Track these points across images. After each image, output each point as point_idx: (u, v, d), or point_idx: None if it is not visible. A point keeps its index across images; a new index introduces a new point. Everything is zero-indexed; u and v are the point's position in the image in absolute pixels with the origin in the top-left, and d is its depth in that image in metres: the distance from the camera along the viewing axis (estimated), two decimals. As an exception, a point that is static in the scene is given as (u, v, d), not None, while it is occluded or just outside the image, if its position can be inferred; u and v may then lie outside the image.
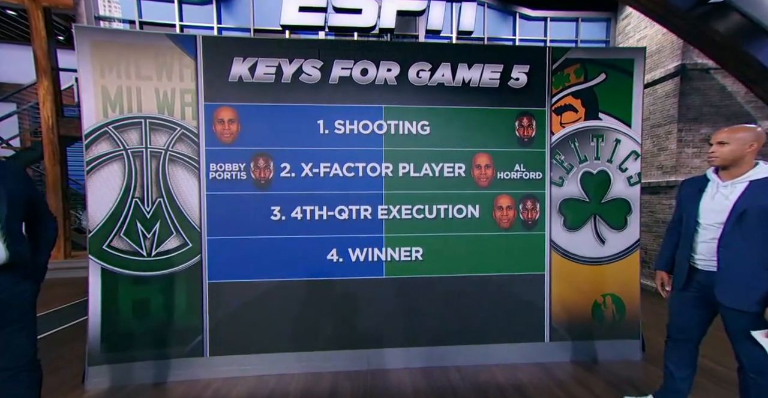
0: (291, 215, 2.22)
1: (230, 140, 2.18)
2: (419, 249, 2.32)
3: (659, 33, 3.99)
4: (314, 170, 2.23)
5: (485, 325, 2.38)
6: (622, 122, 2.37)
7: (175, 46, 2.08)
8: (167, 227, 2.14)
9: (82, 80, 1.97)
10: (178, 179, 2.15)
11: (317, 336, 2.28)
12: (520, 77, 2.34)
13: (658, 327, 2.76)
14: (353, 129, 2.25)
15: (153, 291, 2.13)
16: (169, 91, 2.10)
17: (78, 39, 1.95)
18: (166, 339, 2.14)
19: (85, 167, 2.02)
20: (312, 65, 2.20)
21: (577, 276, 2.41)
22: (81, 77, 1.97)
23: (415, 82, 2.28)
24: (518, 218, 2.39)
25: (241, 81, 2.16)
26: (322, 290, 2.27)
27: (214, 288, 2.19)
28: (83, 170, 2.04)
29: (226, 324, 2.20)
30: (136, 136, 2.08)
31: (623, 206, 2.41)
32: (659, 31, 3.99)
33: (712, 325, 1.58)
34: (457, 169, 2.33)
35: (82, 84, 1.97)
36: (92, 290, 2.04)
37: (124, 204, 2.08)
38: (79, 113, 2.00)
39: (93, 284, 2.05)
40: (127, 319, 2.10)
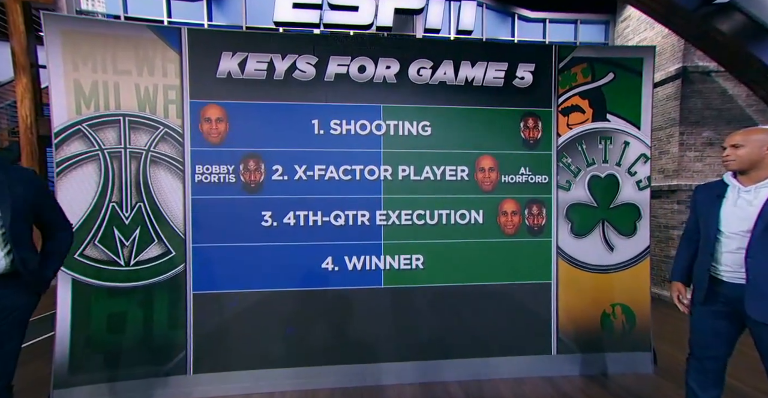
0: (283, 221, 2.07)
1: (218, 140, 2.03)
2: (420, 257, 2.19)
3: (659, 35, 3.96)
4: (308, 172, 2.08)
5: (489, 337, 2.26)
6: (630, 123, 2.28)
7: (158, 39, 1.93)
8: (148, 233, 1.98)
9: (52, 74, 1.80)
10: (160, 182, 1.99)
11: (311, 351, 2.12)
12: (525, 76, 2.23)
13: (669, 339, 2.68)
14: (350, 129, 2.12)
15: (131, 304, 1.96)
16: (150, 87, 1.94)
17: (47, 28, 1.79)
18: (146, 357, 1.97)
19: (55, 169, 1.85)
20: (306, 61, 2.06)
21: (584, 285, 2.30)
22: (51, 70, 1.80)
23: (415, 81, 2.16)
24: (524, 223, 2.27)
25: (230, 77, 2.02)
26: (317, 301, 2.13)
27: (199, 300, 2.03)
28: None
29: (212, 339, 2.04)
30: (113, 135, 1.92)
31: (632, 211, 2.31)
32: (659, 34, 3.95)
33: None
34: (460, 172, 2.21)
35: (52, 78, 1.80)
36: (61, 304, 1.86)
37: (100, 209, 1.91)
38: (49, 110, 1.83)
39: (62, 297, 1.86)
40: (100, 335, 1.92)
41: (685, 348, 1.53)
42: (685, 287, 1.56)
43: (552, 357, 2.28)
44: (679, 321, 2.97)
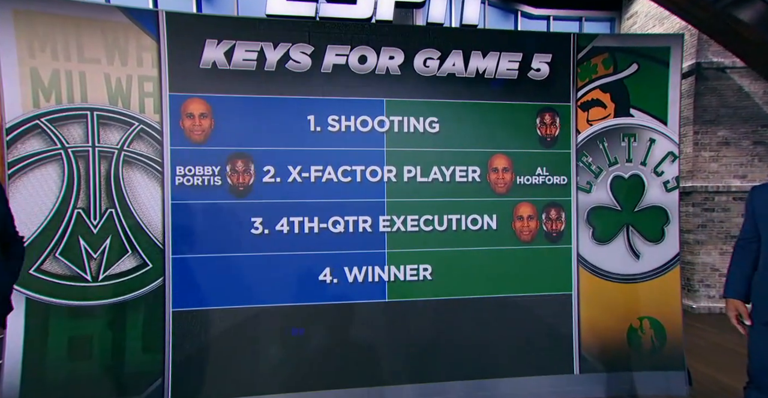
0: (275, 228, 1.85)
1: (201, 138, 1.81)
2: (427, 267, 1.97)
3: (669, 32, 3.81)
4: (303, 174, 1.87)
5: (504, 355, 2.04)
6: (656, 119, 2.10)
7: (131, 23, 1.71)
8: (120, 244, 1.75)
9: (3, 60, 1.56)
10: (135, 186, 1.76)
11: (308, 373, 1.90)
12: (541, 68, 2.04)
13: (703, 356, 2.47)
14: (350, 126, 1.91)
15: (98, 325, 1.72)
16: (123, 78, 1.72)
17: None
18: (114, 386, 1.72)
19: (5, 170, 1.60)
20: (301, 50, 1.85)
21: (608, 296, 2.10)
22: (1, 57, 1.56)
23: (421, 72, 1.96)
24: (541, 229, 2.07)
25: (216, 68, 1.80)
26: (314, 318, 1.91)
27: (180, 318, 1.79)
28: None
29: (194, 363, 1.80)
30: (79, 132, 1.69)
31: (660, 215, 2.11)
32: (669, 30, 3.80)
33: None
34: (471, 173, 2.01)
35: (3, 65, 1.56)
36: (11, 328, 1.58)
37: (63, 216, 1.67)
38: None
39: (13, 320, 1.58)
40: (59, 363, 1.66)
41: (722, 368, 1.32)
42: (744, 305, 1.35)
43: (574, 376, 2.06)
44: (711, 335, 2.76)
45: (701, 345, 2.69)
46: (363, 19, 3.20)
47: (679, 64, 2.11)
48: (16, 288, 1.58)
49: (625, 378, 2.08)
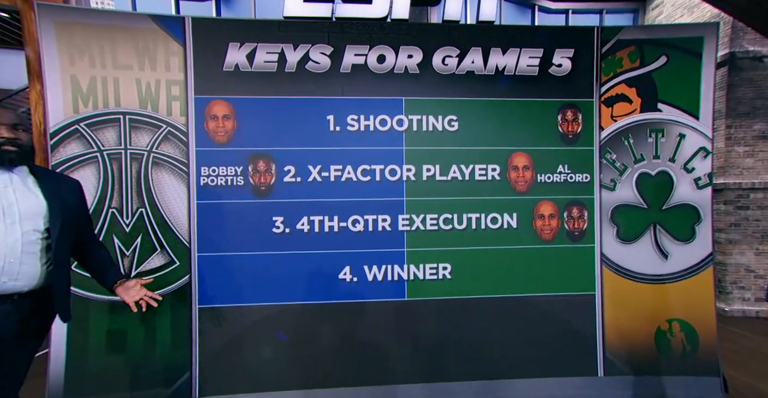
0: (296, 227, 1.88)
1: (225, 139, 1.86)
2: (447, 266, 1.96)
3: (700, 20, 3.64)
4: (323, 173, 1.89)
5: (525, 356, 2.00)
6: (687, 113, 2.00)
7: (160, 29, 1.77)
8: (150, 242, 1.82)
9: (47, 69, 1.66)
10: (163, 186, 1.83)
11: (328, 370, 1.92)
12: (563, 63, 1.99)
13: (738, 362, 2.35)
14: (369, 125, 1.92)
15: (131, 320, 1.79)
16: (152, 83, 1.79)
17: (40, 19, 1.65)
18: (147, 378, 1.79)
19: (50, 172, 1.70)
20: (320, 51, 1.88)
21: (634, 297, 2.03)
22: (45, 65, 1.66)
23: (440, 71, 1.95)
24: (563, 228, 2.02)
25: (238, 70, 1.85)
26: (334, 316, 1.92)
27: (206, 314, 1.85)
28: None
29: (220, 358, 1.85)
30: (113, 135, 1.77)
31: (690, 213, 2.03)
32: (699, 19, 3.63)
33: None
34: (491, 171, 1.98)
35: (47, 73, 1.66)
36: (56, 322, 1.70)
37: (99, 216, 1.76)
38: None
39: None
40: (98, 354, 1.76)
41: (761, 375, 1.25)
42: None
43: (598, 379, 2.00)
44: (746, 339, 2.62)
45: (736, 350, 2.56)
46: (379, 19, 3.20)
47: (713, 55, 2.01)
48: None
49: (654, 382, 2.00)
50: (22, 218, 1.08)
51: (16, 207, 1.08)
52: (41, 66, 1.67)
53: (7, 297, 1.06)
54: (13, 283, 1.06)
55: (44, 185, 1.15)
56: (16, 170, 1.12)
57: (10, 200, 1.08)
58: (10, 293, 1.07)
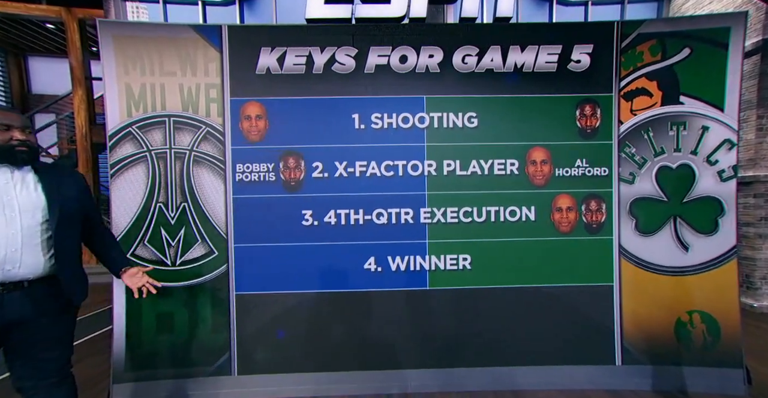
0: (324, 220, 2.01)
1: (258, 137, 2.00)
2: (467, 257, 2.04)
3: (730, 7, 3.52)
4: (349, 169, 2.01)
5: (543, 344, 2.07)
6: (711, 105, 1.99)
7: (200, 38, 1.93)
8: (192, 234, 1.99)
9: (106, 78, 1.85)
10: (203, 182, 1.99)
11: (355, 354, 2.05)
12: (581, 59, 2.02)
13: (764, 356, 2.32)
14: (392, 123, 2.02)
15: (178, 304, 1.97)
16: (193, 87, 1.95)
17: (101, 34, 1.84)
18: (193, 356, 1.97)
19: (109, 171, 1.90)
20: (346, 53, 1.98)
21: (653, 289, 2.05)
22: (105, 75, 1.84)
23: (460, 69, 2.02)
24: (580, 220, 2.06)
25: (269, 73, 1.98)
26: (360, 304, 2.04)
27: (242, 300, 2.01)
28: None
29: (255, 341, 2.01)
30: (159, 136, 1.94)
31: (712, 206, 2.02)
32: (730, 4, 3.50)
33: None
34: (509, 166, 2.05)
35: (106, 83, 1.85)
36: (117, 303, 1.91)
37: (149, 209, 1.94)
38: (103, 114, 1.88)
39: (117, 296, 1.91)
40: (151, 334, 1.95)
41: None
42: None
43: (616, 367, 2.05)
44: None
45: (763, 346, 2.54)
46: (397, 18, 3.27)
47: (741, 46, 1.97)
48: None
49: (674, 372, 2.03)
50: (22, 212, 1.18)
51: (15, 202, 1.18)
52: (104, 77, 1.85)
53: (17, 284, 1.17)
54: (16, 271, 1.16)
55: (45, 180, 1.25)
56: (22, 167, 1.23)
57: (10, 195, 1.18)
58: (20, 281, 1.18)
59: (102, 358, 2.48)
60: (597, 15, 4.47)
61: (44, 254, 1.22)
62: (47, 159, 5.98)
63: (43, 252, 1.22)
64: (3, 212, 1.16)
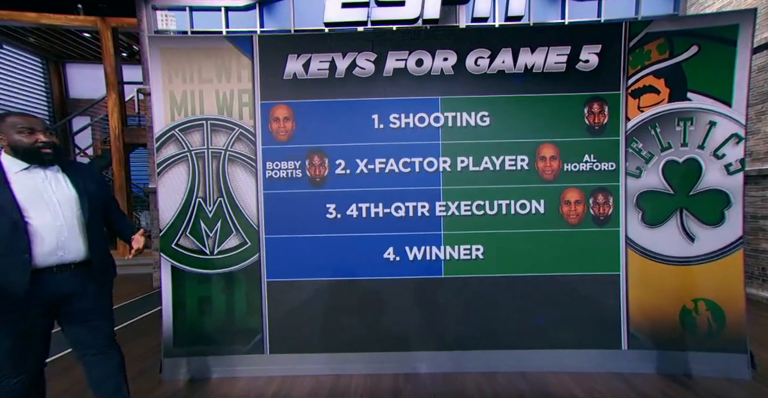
0: (346, 213, 2.18)
1: (286, 137, 2.18)
2: (480, 247, 2.18)
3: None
4: (369, 166, 2.17)
5: (552, 328, 2.20)
6: (718, 101, 2.05)
7: (233, 47, 2.11)
8: (227, 226, 2.19)
9: (153, 87, 2.07)
10: (236, 179, 2.19)
11: (375, 337, 2.22)
12: (590, 59, 2.12)
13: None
14: (409, 123, 2.16)
15: (216, 289, 2.19)
16: (228, 93, 2.14)
17: (150, 48, 2.05)
18: (230, 336, 2.19)
19: (155, 169, 2.12)
20: (365, 58, 2.14)
21: (659, 278, 2.15)
22: (152, 85, 2.06)
23: (473, 71, 2.14)
24: (588, 213, 2.17)
25: (296, 78, 2.15)
26: (379, 290, 2.21)
27: (273, 287, 2.21)
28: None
29: (285, 323, 2.21)
30: (198, 137, 2.15)
31: (719, 198, 2.09)
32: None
33: None
34: (520, 161, 2.17)
35: (153, 91, 2.07)
36: (164, 286, 2.14)
37: (190, 204, 2.15)
38: (150, 120, 2.09)
39: (165, 281, 2.14)
40: (194, 315, 2.17)
41: None
42: None
43: (623, 352, 2.17)
44: None
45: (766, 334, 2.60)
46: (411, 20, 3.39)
47: (749, 42, 2.01)
48: (164, 257, 2.11)
49: (678, 356, 2.13)
50: (62, 206, 1.36)
51: (54, 197, 1.36)
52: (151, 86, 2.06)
53: (67, 266, 1.38)
54: (66, 256, 1.36)
55: (72, 177, 1.42)
56: (49, 167, 1.38)
57: (48, 192, 1.35)
58: (69, 263, 1.38)
59: (145, 340, 2.76)
60: (610, 10, 4.47)
61: (82, 240, 1.41)
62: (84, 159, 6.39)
63: (82, 239, 1.41)
64: (48, 208, 1.34)
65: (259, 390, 2.04)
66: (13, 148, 1.34)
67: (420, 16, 3.39)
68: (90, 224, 1.44)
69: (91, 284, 1.46)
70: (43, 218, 1.33)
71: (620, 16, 4.49)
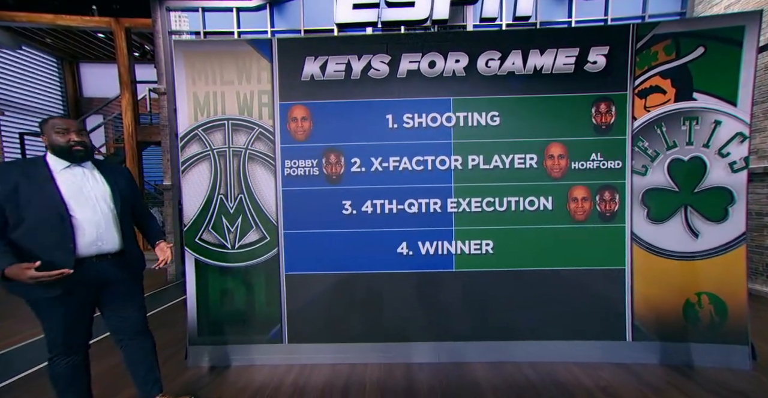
0: (362, 209, 2.27)
1: (303, 137, 2.27)
2: (490, 242, 2.27)
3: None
4: (384, 164, 2.25)
5: (559, 321, 2.29)
6: (724, 100, 2.11)
7: (254, 50, 2.20)
8: (248, 221, 2.28)
9: (178, 89, 2.16)
10: (256, 176, 2.28)
11: (388, 328, 2.32)
12: (597, 60, 2.18)
13: None
14: (422, 122, 2.24)
15: (237, 282, 2.29)
16: (248, 94, 2.23)
17: (176, 52, 2.15)
18: (251, 326, 2.30)
19: (180, 167, 2.22)
20: (380, 60, 2.22)
21: (663, 272, 2.22)
22: (177, 87, 2.16)
23: (484, 73, 2.22)
24: (595, 209, 2.25)
25: (313, 80, 2.24)
26: (393, 283, 2.30)
27: (291, 280, 2.31)
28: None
29: (302, 314, 2.31)
30: (220, 137, 2.24)
31: (722, 195, 2.16)
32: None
33: None
34: (529, 160, 2.24)
35: (178, 93, 2.17)
36: (189, 278, 2.25)
37: (212, 200, 2.26)
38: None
39: (189, 273, 2.25)
40: (216, 306, 2.28)
41: None
42: None
43: (627, 343, 2.25)
44: None
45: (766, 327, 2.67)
46: (421, 20, 3.45)
47: (755, 42, 2.06)
48: (188, 251, 2.22)
49: (681, 348, 2.21)
50: (99, 200, 1.49)
51: (92, 192, 1.48)
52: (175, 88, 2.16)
53: (104, 256, 1.50)
54: (104, 246, 1.49)
55: (105, 174, 1.55)
56: (84, 164, 1.51)
57: (87, 187, 1.48)
58: (106, 253, 1.50)
59: (165, 330, 2.88)
60: (617, 9, 4.50)
61: (117, 232, 1.53)
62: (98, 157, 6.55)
63: (117, 231, 1.53)
64: (88, 202, 1.47)
65: (279, 378, 2.15)
66: (51, 147, 1.45)
67: (430, 17, 3.45)
68: (122, 217, 1.56)
69: (126, 274, 1.58)
70: (84, 211, 1.45)
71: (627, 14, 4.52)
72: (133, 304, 1.62)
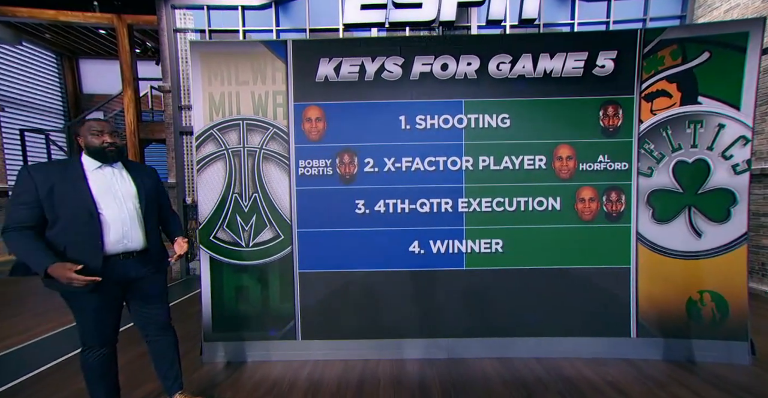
0: (374, 209, 2.31)
1: (317, 137, 2.30)
2: (499, 241, 2.32)
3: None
4: (396, 164, 2.29)
5: (566, 317, 2.35)
6: (728, 104, 2.18)
7: (268, 51, 2.23)
8: (262, 220, 2.32)
9: (194, 89, 2.18)
10: (270, 176, 2.31)
11: (400, 325, 2.37)
12: (606, 64, 2.23)
13: None
14: (434, 124, 2.29)
15: (251, 279, 2.33)
16: (263, 94, 2.25)
17: (192, 53, 2.16)
18: (265, 323, 2.34)
19: (195, 166, 2.24)
20: (393, 62, 2.25)
21: (667, 271, 2.29)
22: (193, 87, 2.18)
23: (495, 75, 2.26)
24: (602, 210, 2.31)
25: (327, 81, 2.27)
26: (405, 281, 2.35)
27: (304, 277, 2.34)
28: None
29: (316, 311, 2.35)
30: (235, 136, 2.27)
31: (725, 196, 2.23)
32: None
33: None
34: (538, 161, 2.30)
35: (194, 93, 2.18)
36: (203, 276, 2.28)
37: (227, 199, 2.28)
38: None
39: (204, 271, 2.28)
40: (231, 303, 2.32)
41: None
42: None
43: (631, 339, 2.32)
44: None
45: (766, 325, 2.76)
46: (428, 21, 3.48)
47: (759, 48, 2.13)
48: (203, 249, 2.25)
49: (684, 344, 2.28)
50: (125, 199, 1.53)
51: (120, 192, 1.52)
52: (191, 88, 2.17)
53: (130, 254, 1.54)
54: (130, 244, 1.53)
55: (132, 174, 1.59)
56: (115, 164, 1.55)
57: (115, 187, 1.52)
58: (132, 251, 1.54)
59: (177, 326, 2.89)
60: (619, 12, 4.56)
61: (141, 231, 1.57)
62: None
63: (141, 230, 1.57)
64: (115, 201, 1.51)
65: (293, 373, 2.19)
66: (87, 148, 1.49)
67: (437, 18, 3.48)
68: (146, 216, 1.59)
69: (151, 271, 1.61)
70: (111, 210, 1.48)
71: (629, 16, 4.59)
72: (157, 301, 1.67)
